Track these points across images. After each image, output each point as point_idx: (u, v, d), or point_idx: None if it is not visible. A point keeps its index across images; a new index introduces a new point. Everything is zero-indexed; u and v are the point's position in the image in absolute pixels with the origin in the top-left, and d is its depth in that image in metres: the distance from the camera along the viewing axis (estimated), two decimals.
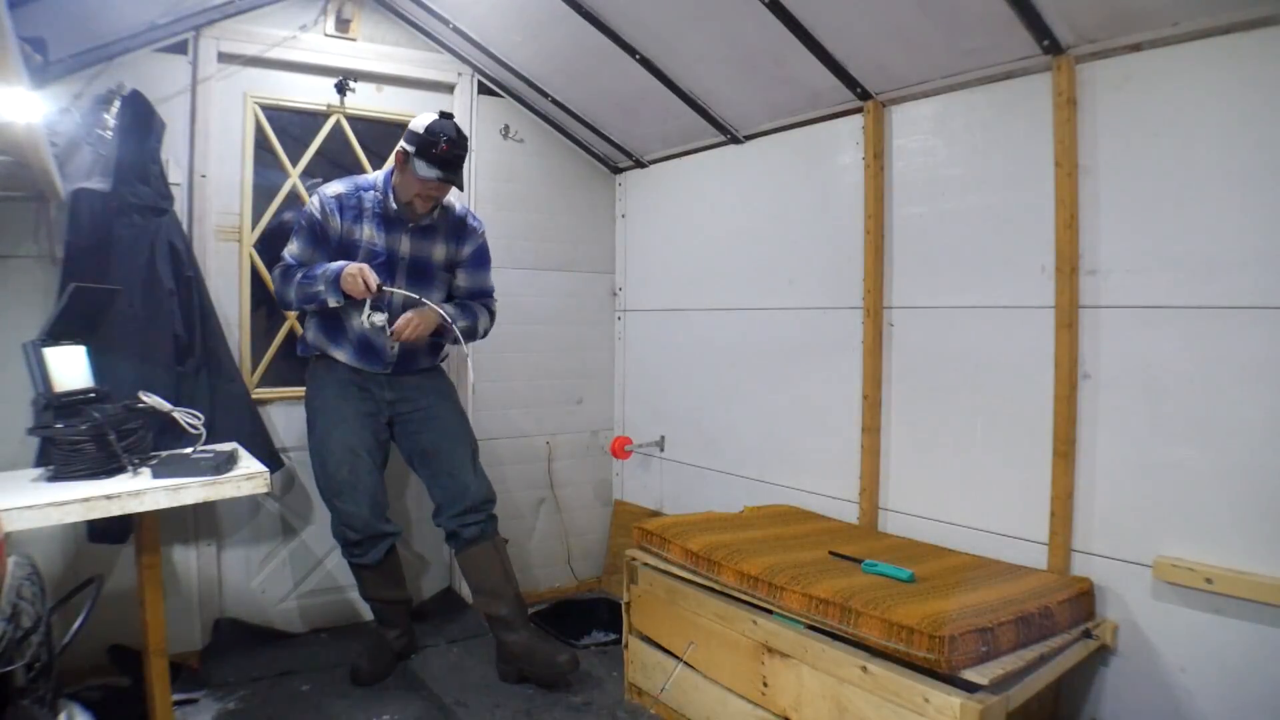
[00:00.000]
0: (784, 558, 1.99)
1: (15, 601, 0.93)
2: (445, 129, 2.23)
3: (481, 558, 2.48)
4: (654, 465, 3.26)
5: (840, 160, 2.46)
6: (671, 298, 3.16)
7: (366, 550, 2.44)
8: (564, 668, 2.39)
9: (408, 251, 2.41)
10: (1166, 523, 1.75)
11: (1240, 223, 1.63)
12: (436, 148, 2.21)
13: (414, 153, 2.23)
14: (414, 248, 2.42)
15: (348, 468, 2.39)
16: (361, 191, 2.38)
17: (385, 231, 2.38)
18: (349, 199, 2.36)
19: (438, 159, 2.22)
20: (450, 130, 2.23)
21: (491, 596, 2.47)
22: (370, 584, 2.52)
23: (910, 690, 1.54)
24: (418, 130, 2.24)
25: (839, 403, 2.46)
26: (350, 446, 2.40)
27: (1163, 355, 1.75)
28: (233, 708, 2.30)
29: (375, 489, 2.43)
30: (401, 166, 2.30)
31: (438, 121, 2.25)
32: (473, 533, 2.47)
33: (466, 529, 2.46)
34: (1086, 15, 1.78)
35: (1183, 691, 1.71)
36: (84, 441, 1.71)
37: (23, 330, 1.87)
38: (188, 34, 2.55)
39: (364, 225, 2.37)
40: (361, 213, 2.37)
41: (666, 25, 2.41)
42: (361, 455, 2.41)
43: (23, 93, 1.39)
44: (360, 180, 2.42)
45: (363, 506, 2.40)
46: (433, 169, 2.22)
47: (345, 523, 2.42)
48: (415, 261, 2.42)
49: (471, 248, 2.53)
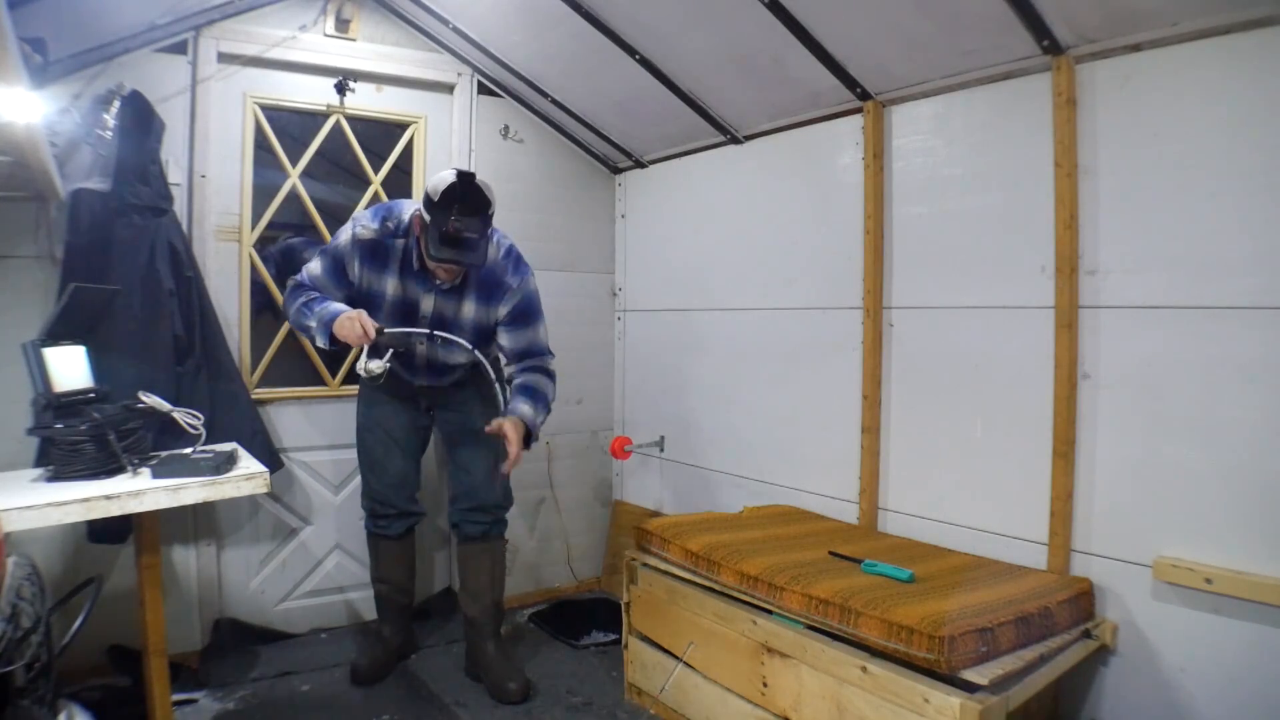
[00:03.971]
0: (784, 558, 1.99)
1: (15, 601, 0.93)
2: (459, 201, 1.99)
3: (475, 556, 2.49)
4: (654, 465, 3.26)
5: (840, 160, 2.46)
6: (671, 298, 3.16)
7: (390, 523, 2.50)
8: (511, 696, 2.34)
9: (431, 309, 2.25)
10: (1166, 523, 1.75)
11: (1240, 223, 1.63)
12: (445, 226, 1.98)
13: (428, 223, 2.03)
14: (439, 305, 2.25)
15: (381, 447, 2.46)
16: (393, 240, 2.20)
17: (410, 284, 2.22)
18: (377, 247, 2.19)
19: (449, 238, 2.00)
20: (465, 203, 2.00)
21: (472, 596, 2.49)
22: (383, 560, 2.55)
23: (910, 690, 1.54)
24: (432, 196, 2.02)
25: (839, 403, 2.46)
26: (385, 428, 2.46)
27: (1163, 355, 1.75)
28: (232, 708, 2.30)
29: (405, 471, 2.49)
30: (421, 232, 2.11)
31: (452, 187, 2.00)
32: (474, 530, 2.47)
33: (469, 525, 2.47)
34: (1086, 15, 1.78)
35: (1182, 691, 1.71)
36: (84, 441, 1.71)
37: (23, 330, 1.87)
38: (187, 34, 2.55)
39: (388, 277, 2.21)
40: (388, 263, 2.21)
41: (666, 25, 2.41)
42: (396, 438, 2.46)
43: (23, 93, 1.39)
44: (393, 220, 2.21)
45: (387, 486, 2.47)
46: (444, 249, 2.01)
47: (372, 495, 2.50)
48: (439, 319, 2.27)
49: (509, 306, 2.27)
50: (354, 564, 2.95)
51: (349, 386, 2.95)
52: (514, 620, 3.06)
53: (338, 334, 2.09)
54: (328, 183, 3.08)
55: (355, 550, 2.95)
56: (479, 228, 2.04)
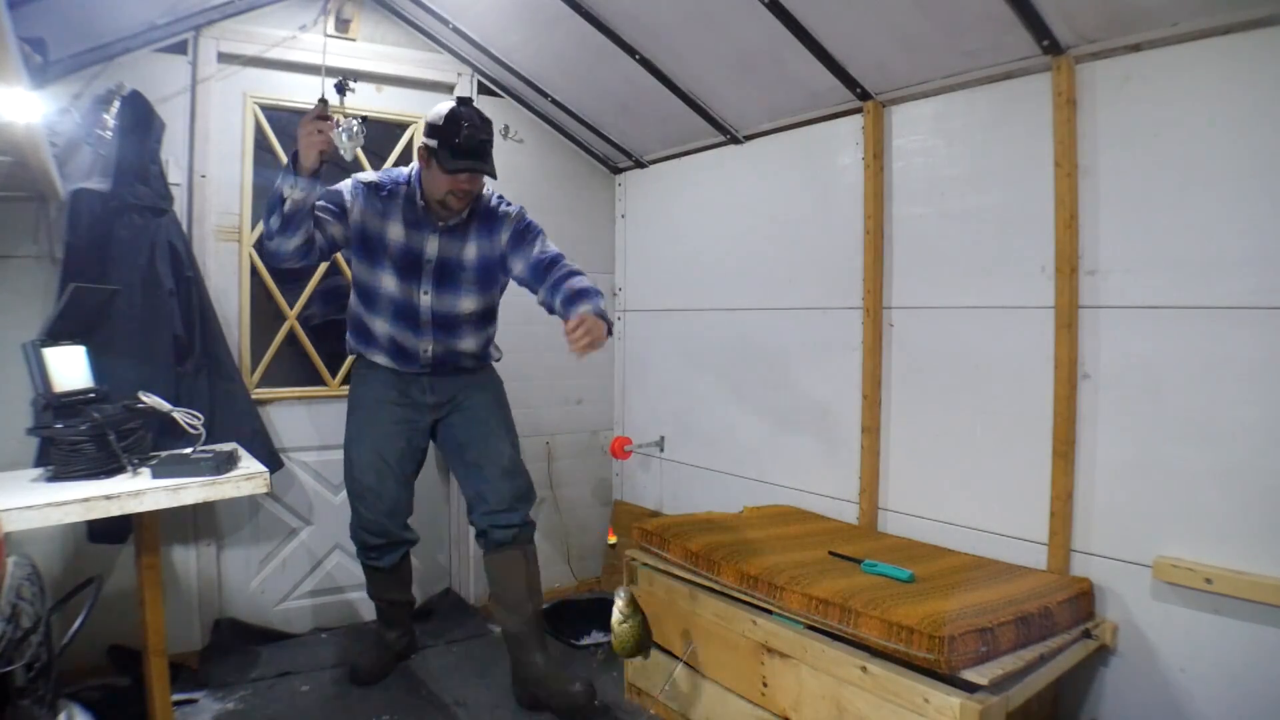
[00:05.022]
0: (784, 558, 1.99)
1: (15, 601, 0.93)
2: (465, 114, 2.06)
3: (507, 565, 2.32)
4: (654, 465, 3.26)
5: (840, 160, 2.46)
6: (671, 298, 3.16)
7: (382, 554, 2.41)
8: (579, 699, 2.18)
9: (435, 253, 2.23)
10: (1166, 523, 1.75)
11: (1240, 223, 1.63)
12: (459, 136, 2.03)
13: (436, 146, 2.06)
14: (442, 248, 2.24)
15: (374, 474, 2.32)
16: (395, 184, 2.22)
17: (413, 231, 2.21)
18: (379, 189, 2.20)
19: (463, 148, 2.04)
20: (471, 115, 2.07)
21: (509, 611, 2.32)
22: (379, 585, 2.50)
23: (910, 690, 1.54)
24: (435, 121, 2.08)
25: (839, 403, 2.46)
26: (379, 452, 2.32)
27: (1163, 355, 1.75)
28: (232, 708, 2.30)
29: (398, 498, 2.36)
30: (426, 163, 2.13)
31: (456, 108, 2.08)
32: (502, 536, 2.31)
33: (496, 530, 2.31)
34: (1086, 15, 1.78)
35: (1182, 691, 1.71)
36: (84, 441, 1.71)
37: (23, 330, 1.87)
38: (187, 34, 2.55)
39: (390, 223, 2.20)
40: (389, 208, 2.20)
41: (666, 25, 2.41)
42: (389, 464, 2.32)
43: (23, 93, 1.39)
44: (394, 173, 2.27)
45: (381, 514, 2.35)
46: (459, 160, 2.04)
47: (363, 526, 2.38)
48: (443, 264, 2.25)
49: (509, 231, 2.28)
50: (354, 564, 2.94)
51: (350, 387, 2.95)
52: None
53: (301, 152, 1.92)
54: (328, 182, 3.07)
55: (355, 550, 2.95)
56: (490, 132, 2.09)
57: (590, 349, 1.96)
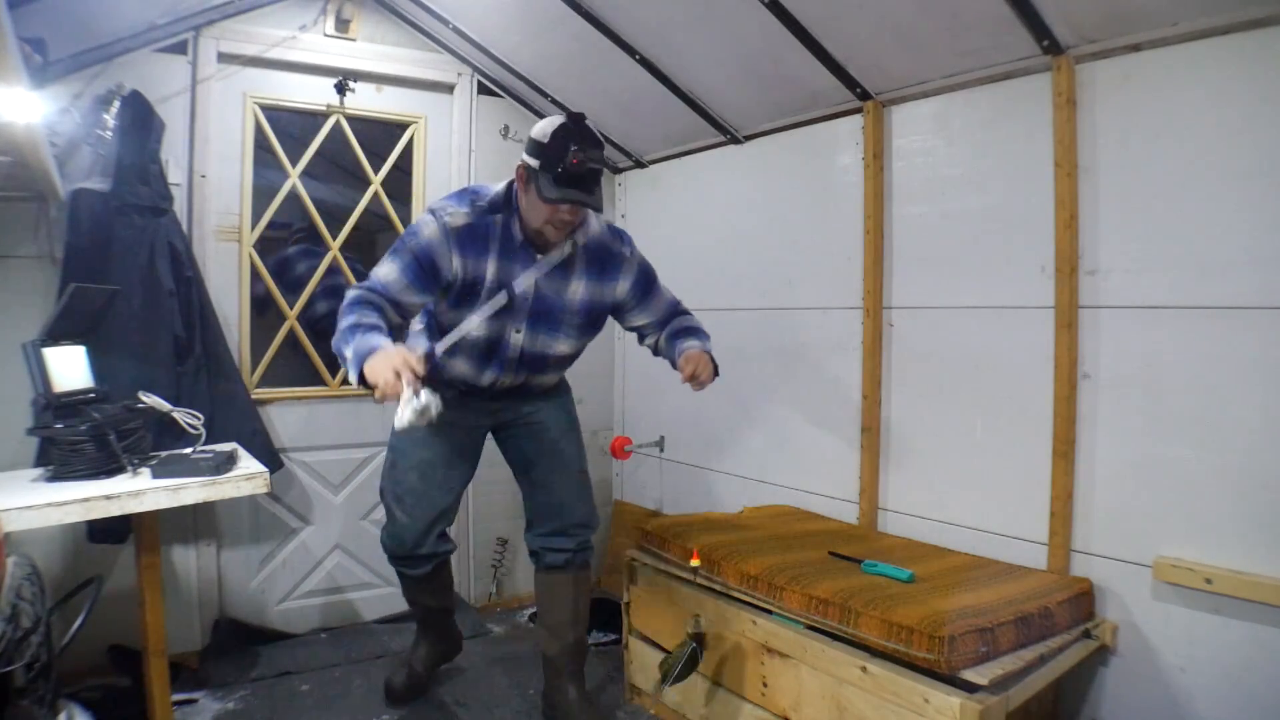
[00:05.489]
0: (784, 558, 1.99)
1: (15, 601, 0.93)
2: (576, 135, 1.77)
3: (557, 588, 2.19)
4: (654, 465, 3.26)
5: (840, 160, 2.46)
6: None
7: (416, 564, 2.18)
8: None
9: (533, 289, 1.94)
10: (1166, 523, 1.74)
11: (1240, 223, 1.63)
12: (564, 162, 1.75)
13: (538, 168, 1.78)
14: (542, 284, 1.95)
15: (418, 474, 2.09)
16: (488, 216, 1.91)
17: (509, 264, 1.92)
18: (474, 229, 1.88)
19: (567, 175, 1.76)
20: (583, 136, 1.78)
21: (551, 632, 2.20)
22: (411, 589, 2.29)
23: (910, 690, 1.54)
24: (540, 139, 1.79)
25: (839, 403, 2.46)
26: (435, 450, 2.09)
27: (1162, 355, 1.75)
28: (232, 708, 2.30)
29: (441, 503, 2.12)
30: (525, 186, 1.85)
31: (565, 125, 1.79)
32: (557, 559, 2.17)
33: (551, 554, 2.17)
34: (1086, 15, 1.78)
35: (1182, 692, 1.71)
36: (84, 441, 1.71)
37: (23, 330, 1.87)
38: (187, 34, 2.55)
39: (487, 261, 1.90)
40: (487, 245, 1.89)
41: (666, 25, 2.41)
42: (436, 466, 2.10)
43: (23, 93, 1.39)
44: (481, 200, 1.92)
45: (420, 520, 2.11)
46: (561, 189, 1.76)
47: (397, 532, 2.14)
48: (540, 303, 1.96)
49: (629, 279, 2.06)
50: (354, 564, 2.95)
51: (349, 386, 2.95)
52: (514, 620, 3.06)
53: (368, 376, 1.66)
54: (328, 183, 3.08)
55: (355, 550, 2.95)
56: (601, 159, 1.82)
57: (698, 387, 1.99)
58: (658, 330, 2.17)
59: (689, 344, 2.06)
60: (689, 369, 1.97)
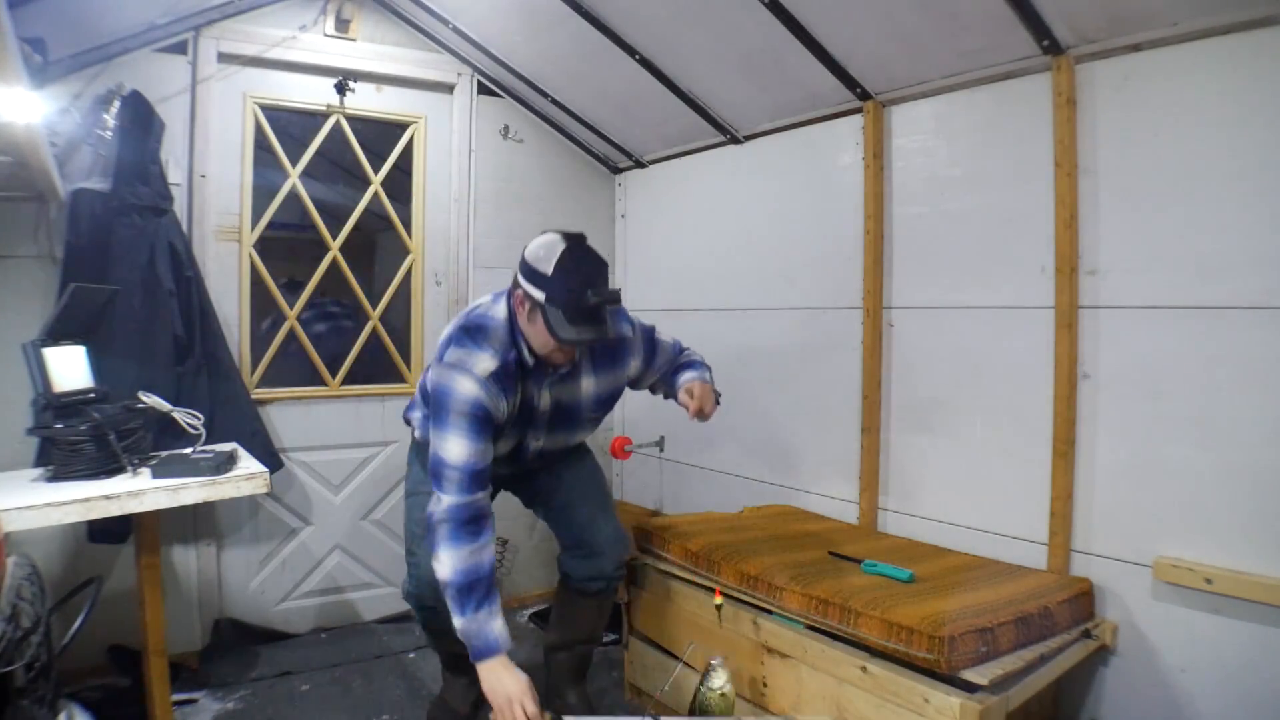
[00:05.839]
0: (784, 558, 1.99)
1: (15, 601, 0.93)
2: (588, 269, 1.67)
3: (581, 605, 2.13)
4: (654, 465, 3.26)
5: (840, 160, 2.46)
6: (671, 298, 3.16)
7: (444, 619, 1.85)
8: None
9: (549, 403, 1.90)
10: (1166, 523, 1.75)
11: (1240, 223, 1.63)
12: (583, 302, 1.64)
13: (544, 301, 1.66)
14: (555, 394, 1.90)
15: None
16: (509, 354, 1.79)
17: (526, 386, 1.85)
18: (503, 371, 1.77)
19: (586, 313, 1.65)
20: (592, 269, 1.68)
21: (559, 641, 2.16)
22: (437, 640, 2.13)
23: (910, 690, 1.54)
24: (543, 271, 1.67)
25: (839, 403, 2.46)
26: None
27: (1163, 355, 1.75)
28: (232, 708, 2.30)
29: None
30: (529, 315, 1.73)
31: (571, 255, 1.67)
32: (591, 587, 2.10)
33: (590, 582, 2.10)
34: (1086, 15, 1.78)
35: (1182, 691, 1.71)
36: (84, 442, 1.71)
37: (23, 330, 1.87)
38: (187, 34, 2.55)
39: (517, 394, 1.83)
40: (514, 380, 1.81)
41: (666, 25, 2.41)
42: None
43: (23, 93, 1.39)
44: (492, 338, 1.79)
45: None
46: (578, 328, 1.65)
47: (424, 579, 1.90)
48: (557, 411, 1.92)
49: (639, 356, 2.01)
50: (354, 564, 2.95)
51: (349, 386, 2.95)
52: (514, 620, 3.06)
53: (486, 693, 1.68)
54: (328, 183, 3.08)
55: (355, 550, 2.95)
56: (617, 296, 1.71)
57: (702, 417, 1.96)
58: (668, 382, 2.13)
59: (686, 375, 2.04)
60: (694, 404, 1.94)
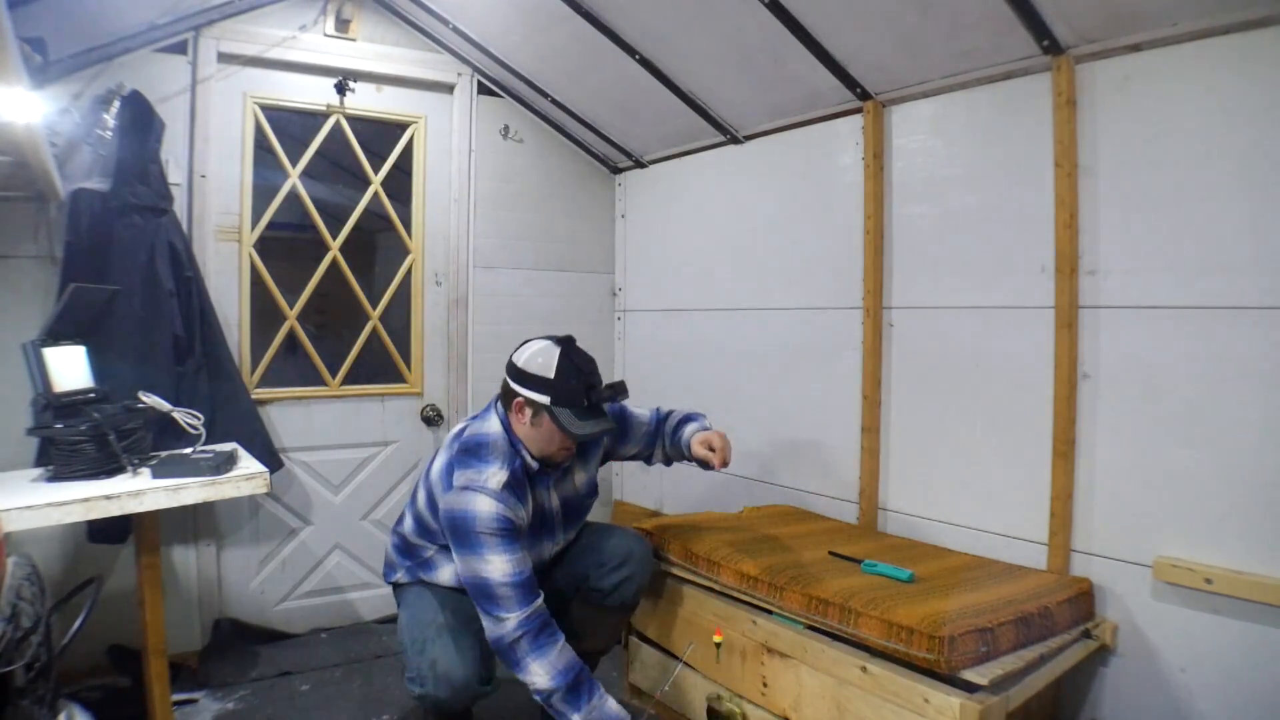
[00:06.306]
0: (784, 558, 1.99)
1: (15, 602, 0.93)
2: (587, 368, 1.81)
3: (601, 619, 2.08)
4: (654, 465, 3.25)
5: (840, 160, 2.46)
6: (671, 298, 3.16)
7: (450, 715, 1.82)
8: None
9: (558, 504, 1.97)
10: (1166, 523, 1.75)
11: (1240, 223, 1.63)
12: (592, 394, 1.79)
13: (550, 403, 1.77)
14: (561, 493, 1.98)
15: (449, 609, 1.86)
16: (516, 463, 1.84)
17: (537, 492, 1.91)
18: (513, 480, 1.82)
19: (593, 406, 1.79)
20: (592, 368, 1.83)
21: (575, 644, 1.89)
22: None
23: (910, 690, 1.54)
24: (544, 376, 1.78)
25: (839, 403, 2.46)
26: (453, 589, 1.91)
27: (1163, 355, 1.75)
28: (232, 708, 2.30)
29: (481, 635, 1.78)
30: (532, 420, 1.81)
31: (568, 358, 1.80)
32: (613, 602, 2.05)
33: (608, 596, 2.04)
34: (1086, 15, 1.78)
35: (1183, 691, 1.71)
36: (84, 442, 1.71)
37: (23, 330, 1.88)
38: (187, 34, 2.55)
39: (530, 501, 1.88)
40: (525, 488, 1.87)
41: (666, 25, 2.41)
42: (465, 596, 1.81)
43: (23, 93, 1.39)
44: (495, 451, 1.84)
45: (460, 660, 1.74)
46: (592, 422, 1.78)
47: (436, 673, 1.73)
48: (566, 507, 1.99)
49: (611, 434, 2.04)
50: (354, 564, 2.96)
51: (349, 386, 2.96)
52: None
53: None
54: (328, 183, 3.08)
55: (355, 550, 2.95)
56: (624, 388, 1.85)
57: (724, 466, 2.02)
58: (652, 446, 2.18)
59: (692, 430, 2.08)
60: (718, 457, 1.99)
